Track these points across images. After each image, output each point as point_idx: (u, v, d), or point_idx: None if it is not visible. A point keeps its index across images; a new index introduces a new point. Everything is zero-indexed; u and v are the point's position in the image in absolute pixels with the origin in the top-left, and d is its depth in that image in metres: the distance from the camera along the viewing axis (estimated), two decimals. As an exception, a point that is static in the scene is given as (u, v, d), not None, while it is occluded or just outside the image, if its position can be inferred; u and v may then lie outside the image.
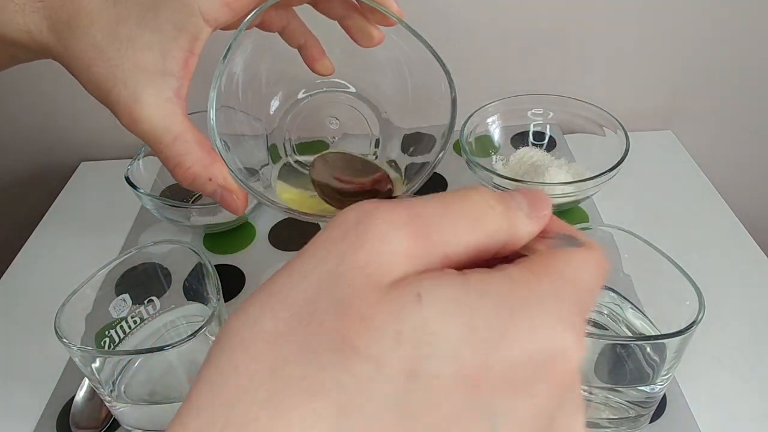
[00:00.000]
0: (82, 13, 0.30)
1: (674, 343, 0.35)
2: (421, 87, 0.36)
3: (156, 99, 0.30)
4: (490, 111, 0.63)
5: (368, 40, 0.35)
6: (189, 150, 0.30)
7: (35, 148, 0.74)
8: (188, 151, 0.30)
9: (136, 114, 0.30)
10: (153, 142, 0.30)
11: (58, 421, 0.44)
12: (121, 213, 0.64)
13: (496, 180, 0.57)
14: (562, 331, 0.17)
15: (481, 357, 0.15)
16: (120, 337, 0.42)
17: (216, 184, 0.31)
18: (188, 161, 0.30)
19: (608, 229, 0.41)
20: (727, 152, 0.77)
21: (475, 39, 0.66)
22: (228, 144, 0.32)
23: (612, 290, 0.43)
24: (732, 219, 0.59)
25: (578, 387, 0.18)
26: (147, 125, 0.30)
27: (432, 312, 0.16)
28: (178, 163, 0.30)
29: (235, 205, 0.32)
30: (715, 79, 0.71)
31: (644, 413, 0.39)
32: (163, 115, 0.30)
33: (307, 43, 0.37)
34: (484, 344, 0.16)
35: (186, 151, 0.30)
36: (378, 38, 0.35)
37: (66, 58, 0.31)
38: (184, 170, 0.31)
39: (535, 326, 0.16)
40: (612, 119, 0.60)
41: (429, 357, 0.15)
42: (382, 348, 0.15)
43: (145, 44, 0.30)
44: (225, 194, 0.31)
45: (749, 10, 0.65)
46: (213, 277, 0.39)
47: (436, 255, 0.17)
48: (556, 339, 0.17)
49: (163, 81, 0.30)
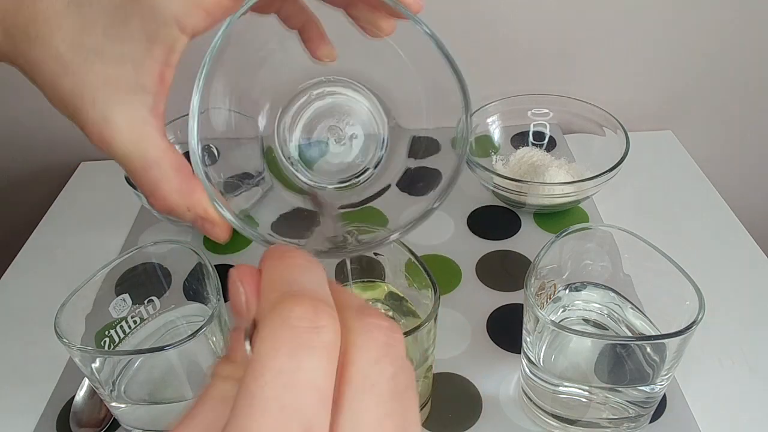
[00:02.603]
0: (41, 20, 0.26)
1: (674, 343, 0.35)
2: (432, 89, 0.34)
3: (129, 119, 0.26)
4: (490, 111, 0.63)
5: (378, 31, 0.31)
6: (165, 177, 0.27)
7: (35, 148, 0.74)
8: (165, 179, 0.27)
9: (107, 136, 0.26)
10: (126, 167, 0.27)
11: (58, 421, 0.44)
12: (121, 213, 0.64)
13: (496, 180, 0.57)
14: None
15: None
16: (120, 337, 0.42)
17: (195, 215, 0.28)
18: (164, 189, 0.27)
19: (608, 229, 0.41)
20: (727, 152, 0.77)
21: (476, 39, 0.66)
22: (218, 150, 0.31)
23: (612, 290, 0.43)
24: (732, 219, 0.59)
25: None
26: (119, 149, 0.27)
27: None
28: (153, 192, 0.27)
29: (217, 236, 0.29)
30: (716, 79, 0.71)
31: (644, 413, 0.39)
32: (136, 139, 0.27)
33: (307, 25, 0.33)
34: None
35: (162, 178, 0.27)
36: (389, 29, 0.31)
37: (26, 69, 0.27)
38: (160, 201, 0.28)
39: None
40: (612, 119, 0.60)
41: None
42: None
43: (115, 57, 0.26)
44: (206, 225, 0.29)
45: (749, 10, 0.65)
46: (213, 277, 0.39)
47: None
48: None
49: (136, 99, 0.27)
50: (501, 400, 0.43)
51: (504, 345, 0.47)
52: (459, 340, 0.48)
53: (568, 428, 0.40)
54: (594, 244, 0.42)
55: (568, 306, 0.44)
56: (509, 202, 0.60)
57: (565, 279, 0.44)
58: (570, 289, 0.44)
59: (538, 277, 0.40)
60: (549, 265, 0.41)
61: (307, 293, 0.20)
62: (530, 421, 0.42)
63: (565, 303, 0.44)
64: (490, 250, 0.56)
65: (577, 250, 0.43)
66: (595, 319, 0.44)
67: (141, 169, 0.27)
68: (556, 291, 0.43)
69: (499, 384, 0.45)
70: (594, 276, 0.44)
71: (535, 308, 0.36)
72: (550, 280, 0.42)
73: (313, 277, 0.21)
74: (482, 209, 0.61)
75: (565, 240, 0.41)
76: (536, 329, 0.38)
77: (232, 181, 0.34)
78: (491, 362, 0.46)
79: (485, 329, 0.49)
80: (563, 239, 0.41)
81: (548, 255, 0.40)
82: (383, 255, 0.43)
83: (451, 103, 0.32)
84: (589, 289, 0.44)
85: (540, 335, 0.38)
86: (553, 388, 0.39)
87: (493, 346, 0.47)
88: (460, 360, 0.46)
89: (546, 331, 0.38)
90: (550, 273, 0.42)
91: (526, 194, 0.57)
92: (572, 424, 0.40)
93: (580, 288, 0.44)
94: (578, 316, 0.44)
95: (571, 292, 0.44)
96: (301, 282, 0.21)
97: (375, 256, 0.43)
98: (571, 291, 0.44)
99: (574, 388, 0.39)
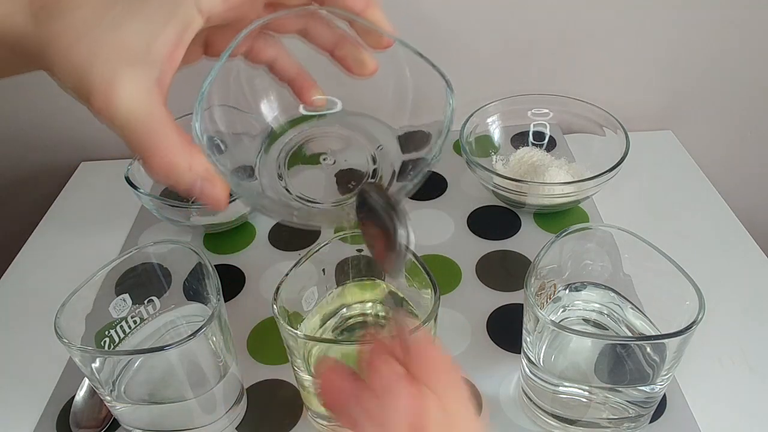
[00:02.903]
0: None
1: (674, 343, 0.35)
2: (421, 99, 0.35)
3: (135, 85, 0.27)
4: (490, 111, 0.63)
5: (363, 69, 0.34)
6: (168, 136, 0.28)
7: (35, 148, 0.74)
8: (167, 138, 0.28)
9: (112, 97, 0.27)
10: (126, 128, 0.27)
11: (58, 421, 0.44)
12: (121, 213, 0.64)
13: (496, 180, 0.57)
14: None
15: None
16: (120, 337, 0.42)
17: (195, 174, 0.28)
18: (167, 146, 0.27)
19: (608, 229, 0.42)
20: (727, 152, 0.77)
21: (476, 39, 0.66)
22: (225, 143, 0.31)
23: (612, 290, 0.43)
24: (732, 219, 0.59)
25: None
26: (123, 111, 0.27)
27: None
28: (155, 151, 0.27)
29: (217, 196, 0.29)
30: (715, 79, 0.71)
31: (644, 413, 0.39)
32: (139, 102, 0.27)
33: (299, 77, 0.35)
34: None
35: (165, 137, 0.28)
36: (373, 67, 0.34)
37: (43, 43, 0.28)
38: (159, 157, 0.27)
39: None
40: (612, 119, 0.60)
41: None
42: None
43: (132, 29, 0.28)
44: (206, 186, 0.29)
45: (749, 10, 0.65)
46: (213, 277, 0.39)
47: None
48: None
49: (144, 69, 0.28)
50: (501, 400, 0.43)
51: (504, 345, 0.47)
52: (459, 340, 0.48)
53: (568, 428, 0.40)
54: (594, 244, 0.42)
55: (568, 306, 0.44)
56: (509, 202, 0.60)
57: (565, 279, 0.44)
58: (570, 289, 0.44)
59: (538, 277, 0.40)
60: (549, 265, 0.41)
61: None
62: (530, 421, 0.42)
63: (565, 303, 0.44)
64: (490, 250, 0.56)
65: (577, 250, 0.43)
66: (595, 319, 0.44)
67: (143, 131, 0.27)
68: (556, 291, 0.43)
69: (499, 384, 0.45)
70: (594, 276, 0.44)
71: (535, 308, 0.36)
72: (550, 280, 0.42)
73: None
74: (482, 209, 0.61)
75: (565, 240, 0.41)
76: (536, 329, 0.38)
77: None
78: (491, 362, 0.46)
79: (485, 329, 0.49)
80: (563, 239, 0.41)
81: (548, 255, 0.40)
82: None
83: (433, 86, 0.33)
84: (589, 289, 0.44)
85: (540, 335, 0.38)
86: (553, 388, 0.39)
87: (493, 346, 0.47)
88: (460, 360, 0.46)
89: (546, 331, 0.38)
90: (550, 273, 0.42)
91: (526, 194, 0.57)
92: (572, 424, 0.40)
93: (580, 288, 0.44)
94: (578, 316, 0.44)
95: (571, 292, 0.44)
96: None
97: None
98: (571, 291, 0.44)
99: (574, 388, 0.39)
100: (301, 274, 0.40)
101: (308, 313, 0.43)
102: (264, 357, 0.47)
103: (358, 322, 0.44)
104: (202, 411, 0.40)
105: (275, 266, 0.56)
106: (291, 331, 0.35)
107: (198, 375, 0.38)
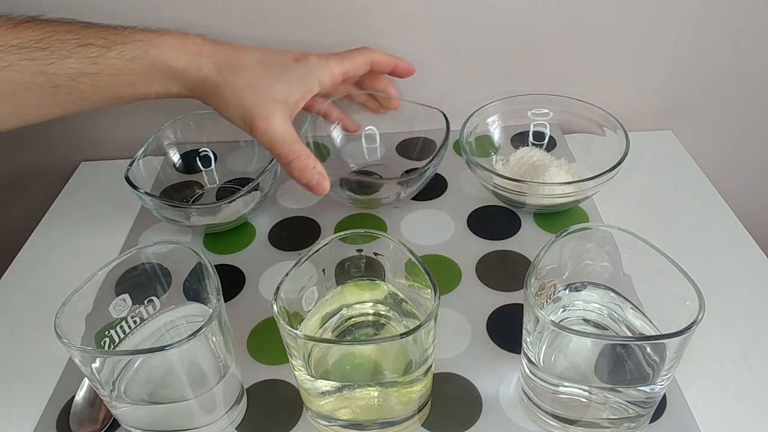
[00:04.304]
0: (241, 64, 0.49)
1: (674, 343, 0.35)
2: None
3: (282, 118, 0.48)
4: (490, 111, 0.63)
5: (388, 104, 0.63)
6: (301, 149, 0.48)
7: (35, 147, 0.74)
8: (304, 150, 0.49)
9: (272, 124, 0.47)
10: (279, 145, 0.47)
11: (58, 421, 0.44)
12: (121, 213, 0.64)
13: (496, 180, 0.57)
14: None
15: None
16: (120, 337, 0.42)
17: (317, 171, 0.49)
18: (303, 156, 0.48)
19: (608, 229, 0.42)
20: (727, 152, 0.77)
21: (475, 39, 0.66)
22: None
23: (612, 290, 0.43)
24: (732, 219, 0.59)
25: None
26: (278, 131, 0.47)
27: None
28: (298, 156, 0.48)
29: (325, 188, 0.49)
30: (715, 79, 0.71)
31: (644, 413, 0.39)
32: (284, 128, 0.48)
33: (342, 118, 0.64)
34: None
35: (303, 150, 0.48)
36: (397, 102, 0.63)
37: (222, 88, 0.48)
38: (301, 161, 0.48)
39: None
40: (612, 119, 0.60)
41: None
42: None
43: (279, 89, 0.49)
44: (320, 179, 0.49)
45: (749, 10, 0.65)
46: (213, 277, 0.39)
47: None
48: None
49: (285, 108, 0.49)
50: (501, 400, 0.43)
51: (504, 345, 0.47)
52: (459, 340, 0.48)
53: (568, 428, 0.40)
54: (594, 244, 0.42)
55: (568, 306, 0.44)
56: (509, 202, 0.60)
57: (565, 279, 0.44)
58: (570, 289, 0.44)
59: (538, 277, 0.40)
60: (549, 265, 0.41)
61: None
62: (530, 421, 0.42)
63: (565, 303, 0.44)
64: (490, 250, 0.56)
65: (577, 250, 0.43)
66: (595, 319, 0.44)
67: (290, 145, 0.48)
68: (556, 291, 0.43)
69: (499, 384, 0.45)
70: (594, 276, 0.44)
71: (535, 308, 0.36)
72: (550, 280, 0.42)
73: None
74: (482, 209, 0.61)
75: (565, 240, 0.41)
76: (536, 329, 0.38)
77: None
78: (491, 362, 0.46)
79: (485, 329, 0.49)
80: (563, 239, 0.41)
81: (548, 255, 0.40)
82: (383, 255, 0.43)
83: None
84: (589, 289, 0.44)
85: (540, 335, 0.38)
86: (553, 388, 0.39)
87: (493, 346, 0.47)
88: (460, 360, 0.46)
89: (546, 331, 0.38)
90: (550, 273, 0.42)
91: (526, 194, 0.57)
92: (572, 424, 0.40)
93: (580, 288, 0.44)
94: (578, 316, 0.44)
95: (571, 292, 0.44)
96: None
97: (375, 256, 0.43)
98: (571, 291, 0.44)
99: (574, 388, 0.39)
100: (301, 274, 0.40)
101: (308, 313, 0.43)
102: (264, 357, 0.47)
103: (358, 322, 0.44)
104: (202, 411, 0.40)
105: (275, 266, 0.56)
106: (291, 331, 0.35)
107: (198, 375, 0.38)
